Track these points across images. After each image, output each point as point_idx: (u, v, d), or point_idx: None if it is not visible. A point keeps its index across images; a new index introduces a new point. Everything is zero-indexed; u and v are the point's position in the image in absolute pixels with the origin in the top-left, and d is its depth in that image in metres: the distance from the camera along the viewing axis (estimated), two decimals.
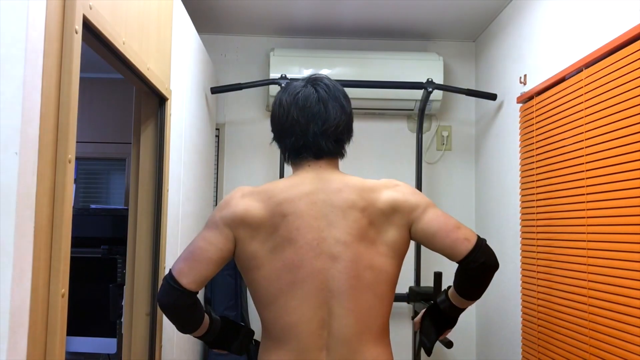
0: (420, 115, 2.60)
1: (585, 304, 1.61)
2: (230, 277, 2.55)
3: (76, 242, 1.09)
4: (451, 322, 1.45)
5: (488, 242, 1.34)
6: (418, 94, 2.62)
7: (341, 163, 1.39)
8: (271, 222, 1.24)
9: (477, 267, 1.29)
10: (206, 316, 1.37)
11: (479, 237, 1.33)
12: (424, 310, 1.50)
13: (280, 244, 1.23)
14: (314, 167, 1.31)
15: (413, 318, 2.34)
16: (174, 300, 1.24)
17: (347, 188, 1.27)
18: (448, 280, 1.52)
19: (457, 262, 1.32)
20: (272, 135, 1.40)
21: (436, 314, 1.46)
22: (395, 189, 1.32)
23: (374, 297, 1.26)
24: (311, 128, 1.28)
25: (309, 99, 1.29)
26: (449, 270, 1.52)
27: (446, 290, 1.44)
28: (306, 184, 1.28)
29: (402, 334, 2.71)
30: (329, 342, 1.23)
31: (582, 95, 1.67)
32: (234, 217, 1.25)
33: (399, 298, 2.10)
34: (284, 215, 1.23)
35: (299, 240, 1.22)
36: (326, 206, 1.25)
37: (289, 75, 2.56)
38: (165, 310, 1.28)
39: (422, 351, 1.54)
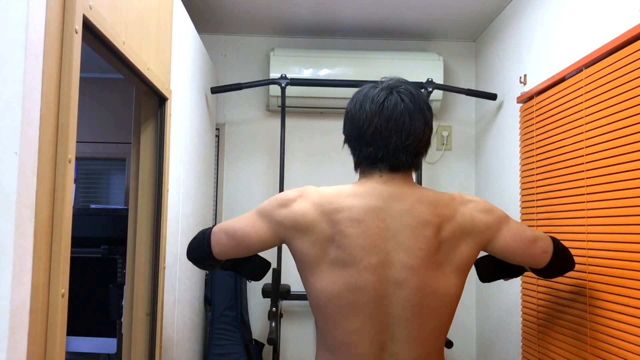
0: None
1: (585, 304, 1.61)
2: (230, 277, 2.55)
3: (76, 242, 1.09)
4: (515, 274, 1.50)
5: None
6: None
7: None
8: (328, 231, 1.20)
9: (556, 273, 1.43)
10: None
11: (554, 243, 1.37)
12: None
13: (342, 259, 1.19)
14: (386, 178, 1.24)
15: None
16: (200, 258, 1.37)
17: (420, 205, 1.21)
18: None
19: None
20: (345, 137, 1.33)
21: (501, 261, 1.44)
22: (469, 206, 1.26)
23: (436, 322, 1.23)
24: (393, 140, 1.21)
25: (395, 110, 1.22)
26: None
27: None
28: (374, 197, 1.21)
29: None
30: None
31: (582, 95, 1.67)
32: (287, 219, 1.24)
33: None
34: (346, 225, 1.19)
35: (363, 261, 1.18)
36: (396, 224, 1.19)
37: (289, 75, 2.56)
38: (190, 259, 1.40)
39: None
